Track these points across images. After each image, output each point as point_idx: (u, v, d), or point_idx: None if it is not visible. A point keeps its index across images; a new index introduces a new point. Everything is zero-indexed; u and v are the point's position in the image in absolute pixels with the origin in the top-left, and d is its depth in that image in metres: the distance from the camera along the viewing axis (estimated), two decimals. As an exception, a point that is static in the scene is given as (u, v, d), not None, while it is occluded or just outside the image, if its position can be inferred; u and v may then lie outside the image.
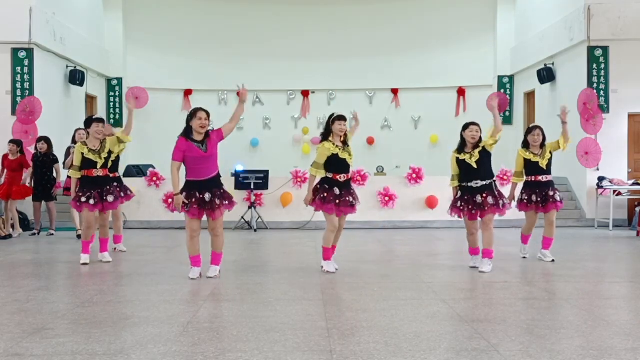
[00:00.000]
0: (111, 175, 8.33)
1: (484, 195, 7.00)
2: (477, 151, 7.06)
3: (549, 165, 7.79)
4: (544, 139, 7.81)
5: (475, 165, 7.03)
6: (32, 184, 11.26)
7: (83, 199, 7.58)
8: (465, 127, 7.19)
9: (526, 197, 7.80)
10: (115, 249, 8.81)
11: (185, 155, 6.41)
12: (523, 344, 4.19)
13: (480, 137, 7.12)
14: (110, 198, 7.70)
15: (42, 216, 11.52)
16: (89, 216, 7.65)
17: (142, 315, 5.04)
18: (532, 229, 8.07)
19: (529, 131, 7.92)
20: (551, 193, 7.71)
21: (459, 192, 7.19)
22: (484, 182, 7.04)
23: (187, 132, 6.44)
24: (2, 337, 4.39)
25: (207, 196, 6.43)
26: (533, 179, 7.79)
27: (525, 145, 7.88)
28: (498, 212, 7.08)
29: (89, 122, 7.78)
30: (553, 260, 7.75)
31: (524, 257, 8.08)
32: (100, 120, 7.75)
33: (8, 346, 4.17)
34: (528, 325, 4.67)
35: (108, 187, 7.74)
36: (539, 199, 7.72)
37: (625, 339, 4.32)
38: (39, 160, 11.18)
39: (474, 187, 7.04)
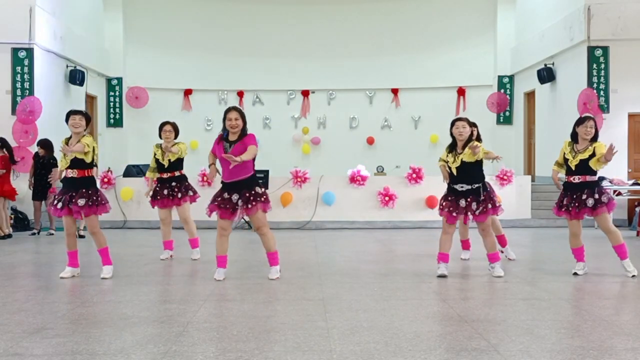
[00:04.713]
0: (168, 174, 7.98)
1: (469, 199, 6.65)
2: (460, 157, 6.67)
3: (581, 165, 6.62)
4: (596, 133, 6.72)
5: (455, 172, 6.69)
6: (32, 183, 11.29)
7: (55, 202, 6.63)
8: (452, 124, 6.80)
9: (558, 200, 6.88)
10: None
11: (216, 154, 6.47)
12: (523, 343, 4.19)
13: (472, 134, 6.75)
14: (80, 202, 6.47)
15: (42, 216, 11.52)
16: (66, 221, 6.66)
17: (142, 315, 5.04)
18: (577, 239, 6.86)
19: (579, 121, 6.74)
20: (584, 197, 6.62)
21: (446, 191, 6.88)
22: (469, 186, 6.67)
23: (225, 132, 6.43)
24: (2, 336, 4.39)
25: (235, 197, 6.39)
26: (567, 179, 6.80)
27: (574, 137, 6.78)
28: (478, 219, 6.67)
29: (67, 116, 6.68)
30: (634, 276, 6.70)
31: (575, 274, 6.82)
32: (77, 113, 6.65)
33: (8, 346, 4.17)
34: (528, 325, 4.67)
35: (84, 190, 6.53)
36: (568, 203, 6.72)
37: (625, 339, 4.32)
38: (40, 161, 11.22)
39: (458, 190, 6.71)
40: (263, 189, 6.59)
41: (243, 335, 4.40)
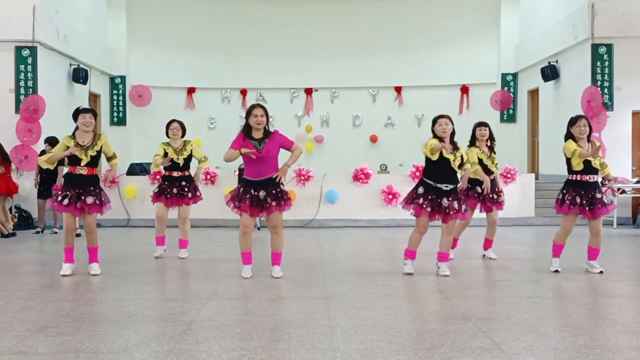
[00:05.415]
0: (180, 173, 7.91)
1: (450, 199, 6.57)
2: (459, 155, 6.62)
3: (599, 164, 6.68)
4: (591, 131, 6.74)
5: (456, 169, 6.61)
6: (38, 181, 11.31)
7: (59, 198, 6.66)
8: (434, 121, 6.71)
9: (569, 198, 6.62)
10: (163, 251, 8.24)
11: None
12: (527, 342, 4.18)
13: (454, 131, 6.65)
14: (89, 199, 6.60)
15: (46, 214, 11.54)
16: (67, 218, 6.74)
17: (145, 313, 5.04)
18: (566, 237, 6.85)
19: (572, 122, 6.71)
20: (598, 195, 6.58)
21: (422, 188, 6.66)
22: (452, 186, 6.61)
23: (247, 129, 6.38)
24: (6, 335, 4.40)
25: (262, 194, 6.35)
26: (578, 178, 6.64)
27: (570, 137, 6.70)
28: (460, 217, 6.68)
29: (76, 114, 6.78)
30: (601, 272, 6.74)
31: (556, 271, 6.84)
32: (88, 111, 6.75)
33: (12, 344, 4.17)
34: (532, 324, 4.66)
35: (91, 188, 6.67)
36: (584, 202, 6.56)
37: (629, 337, 4.31)
38: (46, 159, 11.22)
39: (443, 189, 6.58)
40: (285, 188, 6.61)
41: (247, 334, 4.40)
